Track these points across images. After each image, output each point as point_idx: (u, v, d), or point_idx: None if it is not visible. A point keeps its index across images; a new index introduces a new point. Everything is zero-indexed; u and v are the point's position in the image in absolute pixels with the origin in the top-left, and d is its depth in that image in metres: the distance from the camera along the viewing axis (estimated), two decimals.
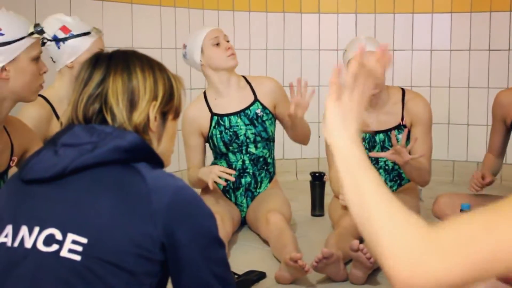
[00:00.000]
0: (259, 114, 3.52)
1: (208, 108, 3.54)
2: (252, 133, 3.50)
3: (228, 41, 3.50)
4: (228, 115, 3.52)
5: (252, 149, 3.53)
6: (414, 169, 3.28)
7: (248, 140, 3.51)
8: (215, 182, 3.23)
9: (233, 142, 3.50)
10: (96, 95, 1.50)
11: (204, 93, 3.62)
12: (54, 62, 2.91)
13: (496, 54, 4.85)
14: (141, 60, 1.56)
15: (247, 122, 3.51)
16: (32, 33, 2.18)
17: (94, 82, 1.51)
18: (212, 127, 3.51)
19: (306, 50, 5.28)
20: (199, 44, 3.49)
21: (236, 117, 3.52)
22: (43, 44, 2.93)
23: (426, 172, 3.39)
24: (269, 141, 3.58)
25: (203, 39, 3.48)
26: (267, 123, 3.53)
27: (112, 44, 2.91)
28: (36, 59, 2.22)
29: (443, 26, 5.02)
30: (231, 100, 3.54)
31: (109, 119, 1.49)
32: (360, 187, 1.16)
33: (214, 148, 3.56)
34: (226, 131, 3.50)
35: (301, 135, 3.52)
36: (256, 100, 3.55)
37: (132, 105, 1.50)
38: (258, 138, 3.51)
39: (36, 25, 2.20)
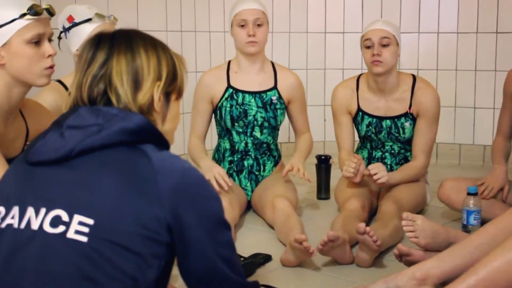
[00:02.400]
0: (273, 101, 3.51)
1: (226, 78, 3.53)
2: (261, 117, 3.49)
3: (259, 25, 3.43)
4: (243, 92, 3.50)
5: (257, 133, 3.52)
6: (406, 180, 3.40)
7: (255, 122, 3.49)
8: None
9: (240, 119, 3.49)
10: (100, 75, 1.49)
11: (229, 62, 3.60)
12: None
13: (503, 36, 4.82)
14: (144, 39, 1.55)
15: (260, 104, 3.50)
16: (24, 15, 2.11)
17: (97, 63, 1.50)
18: (223, 98, 3.50)
19: (312, 33, 5.25)
20: (232, 16, 3.48)
21: (251, 96, 3.50)
22: (60, 37, 2.95)
23: (419, 173, 3.46)
24: (275, 129, 3.57)
25: (233, 16, 3.46)
26: (278, 111, 3.52)
27: (117, 27, 2.91)
28: (35, 42, 2.14)
29: (450, 9, 4.98)
30: (251, 79, 3.53)
31: (114, 100, 1.48)
32: None
33: (220, 121, 3.54)
34: (237, 106, 3.48)
35: None
36: (275, 87, 3.53)
37: (136, 85, 1.50)
38: (266, 124, 3.50)
39: (32, 6, 2.11)
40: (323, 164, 3.87)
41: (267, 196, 3.34)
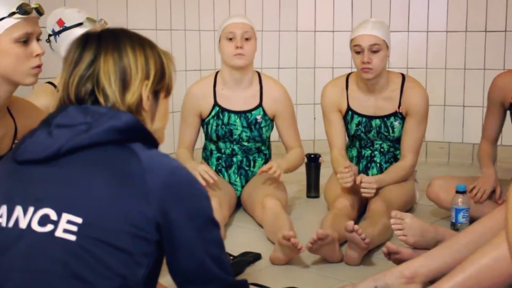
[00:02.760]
0: (258, 120, 3.50)
1: (213, 95, 3.52)
2: (246, 136, 3.50)
3: (247, 39, 3.42)
4: (229, 111, 3.49)
5: (244, 143, 3.53)
6: (395, 181, 3.40)
7: (241, 140, 3.51)
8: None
9: (226, 137, 3.50)
10: (87, 76, 1.49)
11: (216, 75, 3.58)
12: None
13: (492, 35, 4.84)
14: (131, 38, 1.54)
15: (245, 124, 3.49)
16: (13, 13, 2.09)
17: (84, 63, 1.49)
18: (210, 116, 3.50)
19: (302, 31, 5.26)
20: (220, 30, 3.47)
21: (236, 117, 3.49)
22: (48, 40, 2.94)
23: (408, 173, 3.47)
24: (262, 142, 3.57)
25: (222, 30, 3.45)
26: (263, 129, 3.51)
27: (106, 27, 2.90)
28: (23, 41, 2.12)
29: (440, 7, 5.00)
30: (237, 97, 3.51)
31: (101, 100, 1.48)
32: None
33: (206, 133, 3.56)
34: (223, 126, 3.49)
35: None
36: (260, 105, 3.53)
37: (124, 85, 1.49)
38: (251, 140, 3.52)
39: (21, 5, 2.10)
40: (313, 162, 3.87)
41: (256, 195, 3.34)
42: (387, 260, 2.61)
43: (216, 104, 3.50)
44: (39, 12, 2.18)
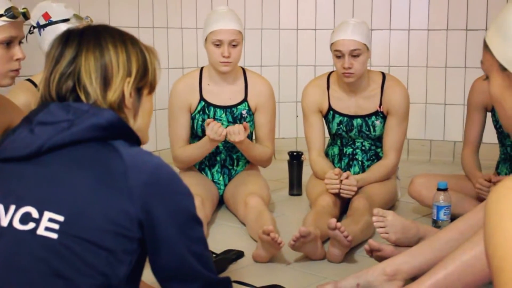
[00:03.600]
0: (243, 115, 3.49)
1: (199, 90, 3.51)
2: None
3: (235, 45, 3.36)
4: (215, 106, 3.48)
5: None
6: (377, 180, 3.41)
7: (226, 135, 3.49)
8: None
9: None
10: (68, 73, 1.48)
11: (201, 70, 3.56)
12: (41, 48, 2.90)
13: (473, 33, 4.87)
14: (113, 35, 1.53)
15: (230, 119, 3.47)
16: (1, 16, 2.08)
17: (65, 60, 1.49)
18: (196, 111, 3.48)
19: (284, 29, 5.26)
20: (206, 32, 3.40)
21: (222, 111, 3.48)
22: (31, 31, 2.92)
23: (390, 171, 3.48)
24: (248, 136, 3.55)
25: (209, 32, 3.38)
26: (249, 124, 3.51)
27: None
28: (6, 43, 2.12)
29: (421, 6, 5.02)
30: (222, 92, 3.50)
31: (83, 98, 1.47)
32: None
33: (191, 129, 3.53)
34: None
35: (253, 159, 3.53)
36: (245, 100, 3.52)
37: (106, 82, 1.49)
38: None
39: (10, 9, 2.11)
40: (295, 160, 3.88)
41: (239, 194, 3.34)
42: (369, 258, 2.62)
43: (202, 99, 3.49)
44: (26, 16, 2.18)
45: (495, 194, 1.12)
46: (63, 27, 2.84)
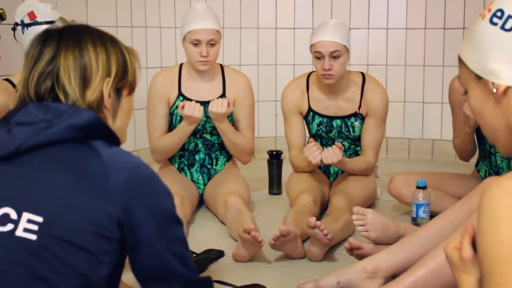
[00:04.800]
0: None
1: (178, 85, 3.50)
2: (210, 126, 3.46)
3: (213, 44, 3.35)
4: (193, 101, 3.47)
5: (207, 135, 3.51)
6: (354, 170, 3.43)
7: (204, 130, 3.48)
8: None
9: None
10: (47, 72, 1.47)
11: (181, 66, 3.55)
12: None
13: (451, 32, 4.90)
14: (93, 35, 1.53)
15: (208, 114, 3.47)
16: None
17: (44, 60, 1.48)
18: (175, 106, 3.47)
19: (263, 28, 5.26)
20: (185, 31, 3.39)
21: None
22: (14, 28, 2.89)
23: (368, 168, 3.49)
24: None
25: (187, 31, 3.36)
26: (227, 119, 3.50)
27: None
28: None
29: (399, 5, 5.04)
30: (201, 87, 3.49)
31: (61, 97, 1.46)
32: None
33: (170, 125, 3.51)
34: None
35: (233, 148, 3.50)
36: (223, 94, 3.50)
37: (85, 82, 1.48)
38: (215, 131, 3.48)
39: None
40: (275, 159, 3.88)
41: (219, 193, 3.33)
42: (349, 256, 2.63)
43: (180, 94, 3.48)
44: (2, 17, 2.15)
45: (491, 193, 1.11)
46: None
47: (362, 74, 3.54)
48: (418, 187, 3.09)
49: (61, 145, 1.41)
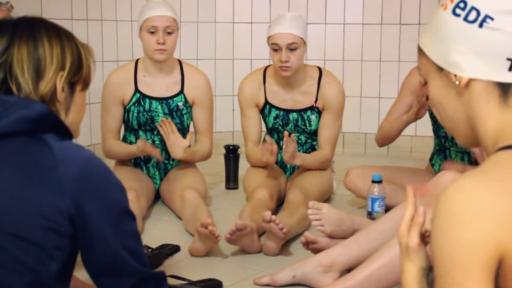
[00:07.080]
0: (180, 107, 3.46)
1: (134, 81, 3.47)
2: None
3: (170, 32, 3.34)
4: (150, 98, 3.44)
5: None
6: (311, 165, 3.44)
7: None
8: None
9: (147, 125, 3.45)
10: (0, 64, 1.44)
11: (136, 62, 3.52)
12: None
13: (406, 28, 4.94)
14: (48, 28, 1.51)
15: (166, 111, 3.44)
16: None
17: None
18: (131, 102, 3.44)
19: (220, 22, 5.25)
20: (141, 20, 3.37)
21: (157, 103, 3.44)
22: None
23: (326, 162, 3.51)
24: (183, 130, 3.51)
25: (143, 20, 3.35)
26: (185, 116, 3.47)
27: (20, 14, 2.82)
28: None
29: (356, 0, 5.07)
30: (158, 84, 3.46)
31: (14, 89, 1.44)
32: None
33: (127, 122, 3.49)
34: (144, 113, 3.43)
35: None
36: (181, 92, 3.49)
37: (38, 75, 1.45)
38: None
39: None
40: (232, 154, 3.88)
41: (176, 187, 3.32)
42: (305, 250, 2.64)
43: (137, 90, 3.45)
44: None
45: (446, 194, 1.10)
46: None
47: (319, 68, 3.55)
48: (373, 181, 3.11)
49: (11, 138, 1.39)
